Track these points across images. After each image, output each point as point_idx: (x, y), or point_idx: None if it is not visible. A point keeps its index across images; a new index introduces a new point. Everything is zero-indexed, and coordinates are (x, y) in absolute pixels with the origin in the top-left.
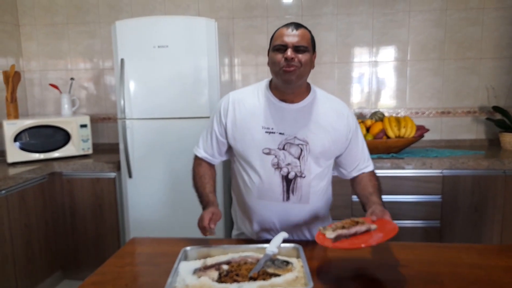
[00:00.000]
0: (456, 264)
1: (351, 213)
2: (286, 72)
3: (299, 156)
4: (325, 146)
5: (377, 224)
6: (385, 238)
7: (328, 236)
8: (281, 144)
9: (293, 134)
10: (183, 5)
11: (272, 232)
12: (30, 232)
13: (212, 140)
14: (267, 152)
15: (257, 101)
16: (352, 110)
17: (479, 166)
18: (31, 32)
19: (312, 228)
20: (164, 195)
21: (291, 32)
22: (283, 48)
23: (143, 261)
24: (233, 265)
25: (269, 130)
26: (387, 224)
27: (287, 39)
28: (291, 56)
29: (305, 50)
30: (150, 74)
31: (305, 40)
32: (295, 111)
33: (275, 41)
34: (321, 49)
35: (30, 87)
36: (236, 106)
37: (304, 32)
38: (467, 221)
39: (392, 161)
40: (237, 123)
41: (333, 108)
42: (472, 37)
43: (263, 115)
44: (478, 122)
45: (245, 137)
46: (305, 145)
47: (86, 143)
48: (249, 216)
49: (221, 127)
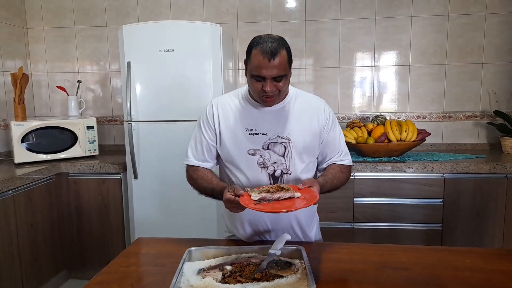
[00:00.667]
0: (457, 268)
1: (353, 216)
2: (266, 101)
3: (283, 153)
4: (306, 140)
5: (302, 193)
6: (304, 206)
7: (252, 197)
8: (265, 144)
9: (275, 133)
10: (189, 10)
11: (264, 233)
12: (36, 232)
13: (202, 147)
14: (252, 153)
15: (239, 105)
16: (354, 114)
17: (480, 170)
18: (39, 35)
19: (304, 227)
20: (169, 196)
21: (268, 63)
22: (261, 78)
23: (148, 261)
24: (236, 266)
25: (252, 131)
26: (309, 192)
27: (266, 72)
28: (271, 90)
29: (283, 78)
30: (156, 77)
31: (283, 67)
32: (275, 112)
33: (252, 69)
34: (324, 53)
35: (38, 89)
36: (220, 110)
37: (281, 59)
38: (469, 224)
39: (393, 165)
40: (223, 127)
41: (310, 104)
42: (474, 42)
43: (245, 118)
44: (480, 126)
45: (230, 140)
46: (288, 142)
47: (92, 145)
48: (240, 217)
49: (211, 132)
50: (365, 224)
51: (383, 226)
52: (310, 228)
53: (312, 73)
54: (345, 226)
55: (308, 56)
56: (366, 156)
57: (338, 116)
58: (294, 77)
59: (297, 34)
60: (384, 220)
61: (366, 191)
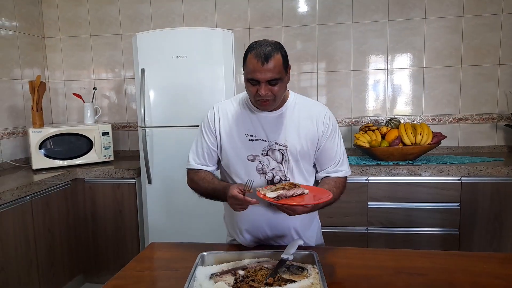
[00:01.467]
0: (475, 273)
1: (367, 220)
2: (261, 105)
3: (281, 160)
4: (303, 147)
5: (314, 192)
6: (327, 198)
7: (269, 195)
8: (264, 150)
9: (274, 140)
10: (201, 17)
11: (264, 241)
12: (53, 237)
13: (204, 152)
14: (252, 159)
15: (239, 110)
16: (368, 117)
17: (498, 173)
18: (56, 44)
19: (303, 234)
20: (183, 200)
21: (261, 66)
22: (256, 82)
23: (161, 266)
24: (249, 271)
25: (252, 137)
26: (317, 189)
27: (260, 76)
28: (264, 94)
29: (278, 81)
30: (169, 83)
31: (277, 70)
32: (274, 118)
33: (248, 73)
34: (336, 57)
35: (55, 97)
36: (221, 115)
37: (276, 62)
38: (487, 229)
39: (408, 168)
40: (223, 132)
41: (310, 111)
42: (490, 43)
43: (245, 123)
44: (497, 128)
45: (230, 145)
46: (285, 149)
47: (107, 150)
48: (238, 226)
49: (212, 137)
50: (380, 229)
51: (399, 231)
52: (309, 234)
53: (324, 76)
54: (360, 231)
55: (320, 60)
56: (380, 160)
57: (351, 120)
58: (307, 81)
59: (309, 38)
60: (400, 224)
61: (381, 196)
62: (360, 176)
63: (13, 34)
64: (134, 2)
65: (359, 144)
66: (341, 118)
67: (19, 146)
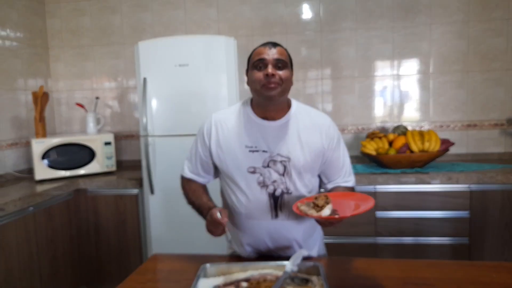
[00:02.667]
0: (484, 283)
1: (375, 230)
2: (268, 88)
3: (283, 172)
4: (307, 160)
5: (354, 199)
6: (370, 207)
7: (324, 214)
8: (265, 161)
9: (276, 151)
10: (204, 25)
11: (264, 253)
12: (55, 248)
13: (197, 161)
14: (252, 171)
15: (239, 120)
16: (374, 124)
17: (508, 181)
18: (59, 54)
19: (305, 246)
20: (185, 211)
21: (269, 50)
22: (262, 65)
23: (163, 278)
24: (252, 283)
25: (252, 148)
26: (364, 198)
27: (267, 56)
28: (272, 72)
29: (285, 66)
30: (172, 92)
31: (284, 55)
32: (276, 128)
33: (254, 57)
34: (340, 63)
35: (58, 107)
36: (218, 127)
37: (282, 50)
38: (498, 237)
39: (416, 176)
40: (220, 143)
41: (313, 122)
42: (497, 48)
43: (245, 134)
44: (506, 134)
45: (229, 157)
46: (288, 161)
47: (110, 160)
48: (239, 240)
49: (205, 149)
50: (389, 238)
51: (408, 240)
52: (312, 246)
53: (329, 83)
54: (368, 241)
55: (324, 67)
56: (387, 167)
57: (357, 127)
58: (312, 88)
59: (313, 45)
60: (409, 234)
61: (389, 204)
62: (367, 184)
63: (17, 45)
64: (136, 11)
65: (366, 152)
66: (347, 125)
67: (22, 157)
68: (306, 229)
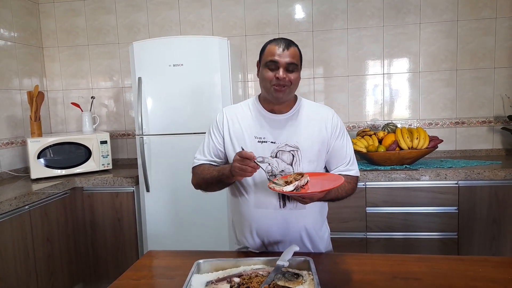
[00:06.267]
0: (471, 278)
1: (365, 225)
2: (277, 91)
3: (291, 162)
4: (314, 149)
5: (325, 178)
6: (339, 184)
7: (286, 189)
8: (274, 152)
9: (284, 142)
10: (198, 25)
11: (273, 245)
12: (52, 246)
13: (210, 149)
14: (261, 161)
15: (249, 113)
16: (365, 122)
17: (495, 177)
18: (54, 54)
19: (314, 239)
20: (181, 208)
21: (282, 51)
22: (274, 66)
23: (158, 274)
24: (244, 278)
25: (261, 139)
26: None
27: (279, 58)
28: (283, 76)
29: (295, 69)
30: (166, 91)
31: (296, 58)
32: (284, 120)
33: (267, 57)
34: (332, 63)
35: (54, 106)
36: (229, 119)
37: (295, 51)
38: (485, 232)
39: (406, 173)
40: (232, 135)
41: (318, 112)
42: (485, 46)
43: (255, 126)
44: (494, 132)
45: (239, 147)
46: (296, 150)
47: (106, 159)
48: (248, 227)
49: (219, 138)
50: (379, 233)
51: (397, 235)
52: (320, 240)
53: (321, 82)
54: (358, 236)
55: (316, 66)
56: (378, 164)
57: (348, 125)
58: (304, 86)
59: (305, 45)
60: (398, 229)
61: (379, 200)
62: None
63: (12, 44)
64: (131, 11)
65: (356, 149)
66: None
67: (17, 156)
68: (314, 220)
